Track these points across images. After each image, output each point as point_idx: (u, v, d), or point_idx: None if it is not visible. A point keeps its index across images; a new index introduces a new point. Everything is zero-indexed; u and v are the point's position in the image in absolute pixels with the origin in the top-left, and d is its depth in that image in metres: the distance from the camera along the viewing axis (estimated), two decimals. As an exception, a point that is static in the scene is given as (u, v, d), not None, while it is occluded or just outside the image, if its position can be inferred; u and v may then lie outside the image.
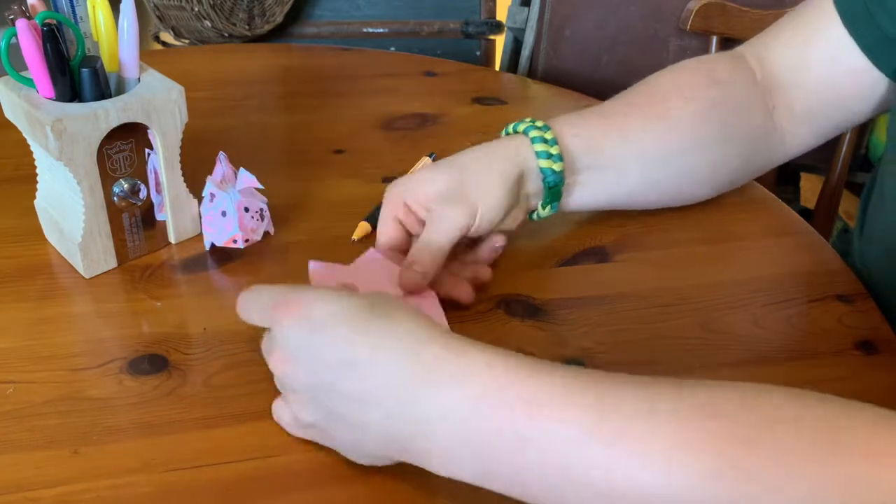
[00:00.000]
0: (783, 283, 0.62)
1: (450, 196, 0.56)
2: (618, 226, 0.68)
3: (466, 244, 0.60)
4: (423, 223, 0.58)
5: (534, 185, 0.60)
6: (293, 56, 1.02)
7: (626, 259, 0.64)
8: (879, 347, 0.56)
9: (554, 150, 0.59)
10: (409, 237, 0.59)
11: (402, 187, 0.58)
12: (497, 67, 1.51)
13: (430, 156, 0.75)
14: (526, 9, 1.34)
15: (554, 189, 0.60)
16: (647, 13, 1.24)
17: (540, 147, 0.59)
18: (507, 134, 0.62)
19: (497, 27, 1.48)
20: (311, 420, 0.44)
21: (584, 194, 0.63)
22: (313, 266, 0.57)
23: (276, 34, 1.40)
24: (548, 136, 0.59)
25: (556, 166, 0.59)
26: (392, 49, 1.40)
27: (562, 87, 0.94)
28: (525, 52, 1.33)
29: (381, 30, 1.45)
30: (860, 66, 0.63)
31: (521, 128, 0.61)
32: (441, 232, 0.56)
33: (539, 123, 0.60)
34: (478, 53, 1.50)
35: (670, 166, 0.64)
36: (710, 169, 0.66)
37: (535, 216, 0.63)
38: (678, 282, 0.62)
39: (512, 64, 1.42)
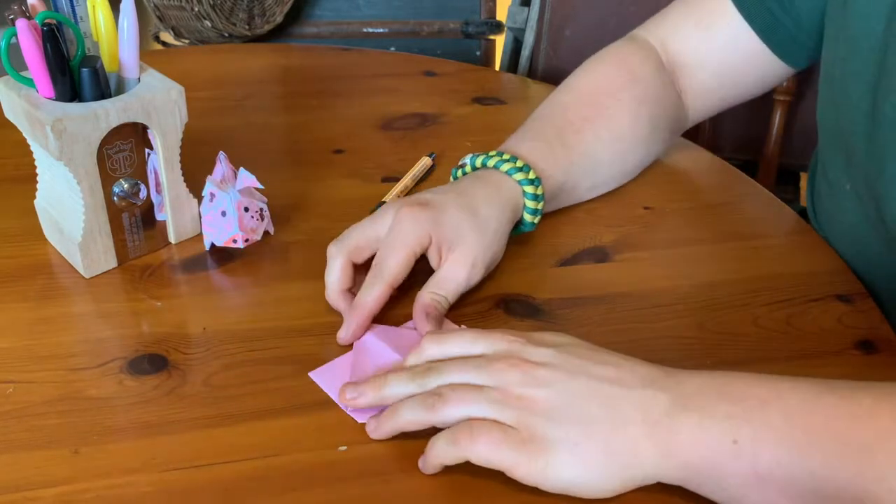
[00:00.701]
0: (783, 283, 0.62)
1: (476, 258, 0.56)
2: (618, 226, 0.68)
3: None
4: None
5: (515, 219, 0.62)
6: (293, 56, 1.02)
7: (626, 259, 0.64)
8: (879, 347, 0.56)
9: (540, 206, 0.62)
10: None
11: (427, 224, 0.56)
12: (497, 67, 1.51)
13: (430, 156, 0.75)
14: (526, 9, 1.34)
15: (528, 224, 0.63)
16: (648, 13, 1.23)
17: (531, 204, 0.61)
18: (482, 167, 0.62)
19: (497, 27, 1.47)
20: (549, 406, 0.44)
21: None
22: (315, 376, 0.52)
23: (276, 34, 1.40)
24: (539, 192, 0.61)
25: (537, 220, 0.62)
26: (392, 49, 1.39)
27: (562, 87, 0.94)
28: (525, 52, 1.33)
29: (381, 30, 1.45)
30: (756, 49, 0.69)
31: (514, 175, 0.61)
32: (454, 290, 0.56)
33: (528, 172, 0.61)
34: (478, 53, 1.50)
35: (615, 169, 0.71)
36: (642, 158, 0.73)
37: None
38: (678, 282, 0.62)
39: (512, 64, 1.42)
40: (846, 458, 0.39)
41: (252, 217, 0.60)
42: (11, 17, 0.53)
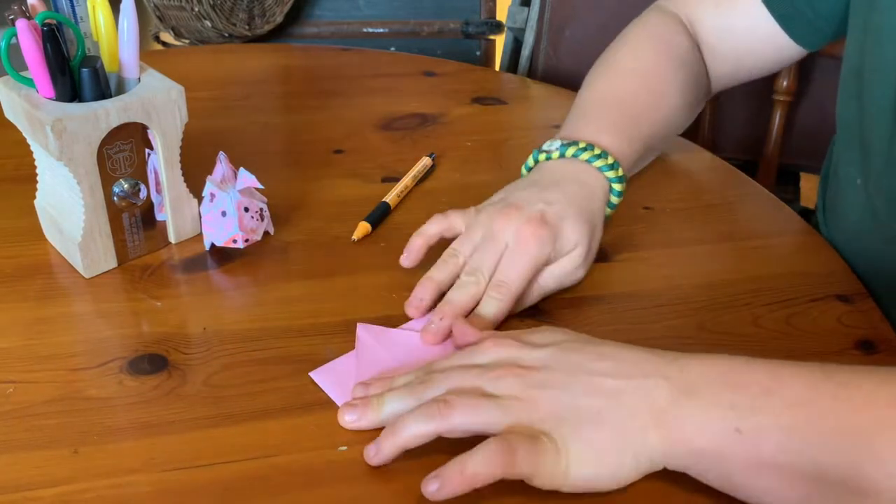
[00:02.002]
0: (783, 283, 0.62)
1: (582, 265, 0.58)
2: (618, 226, 0.68)
3: None
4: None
5: None
6: (293, 56, 1.02)
7: (626, 259, 0.64)
8: (879, 347, 0.56)
9: (619, 201, 0.63)
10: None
11: (550, 244, 0.56)
12: (497, 67, 1.51)
13: (430, 156, 0.75)
14: (526, 9, 1.34)
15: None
16: (647, 13, 1.23)
17: (615, 200, 0.63)
18: (573, 158, 0.62)
19: (497, 27, 1.47)
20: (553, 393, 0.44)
21: None
22: (315, 375, 0.52)
23: (276, 34, 1.40)
24: (623, 187, 0.62)
25: (613, 212, 0.64)
26: (392, 49, 1.39)
27: (562, 87, 0.94)
28: (525, 52, 1.33)
29: (381, 30, 1.45)
30: (774, 34, 0.70)
31: (606, 172, 0.62)
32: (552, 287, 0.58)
33: (618, 170, 0.62)
34: (478, 53, 1.50)
35: (666, 143, 0.75)
36: (683, 129, 0.76)
37: None
38: (678, 282, 0.62)
39: (512, 64, 1.42)
40: (846, 444, 0.40)
41: (252, 217, 0.60)
42: (11, 17, 0.53)
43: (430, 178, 0.74)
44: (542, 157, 0.64)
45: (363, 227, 0.65)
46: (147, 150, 0.59)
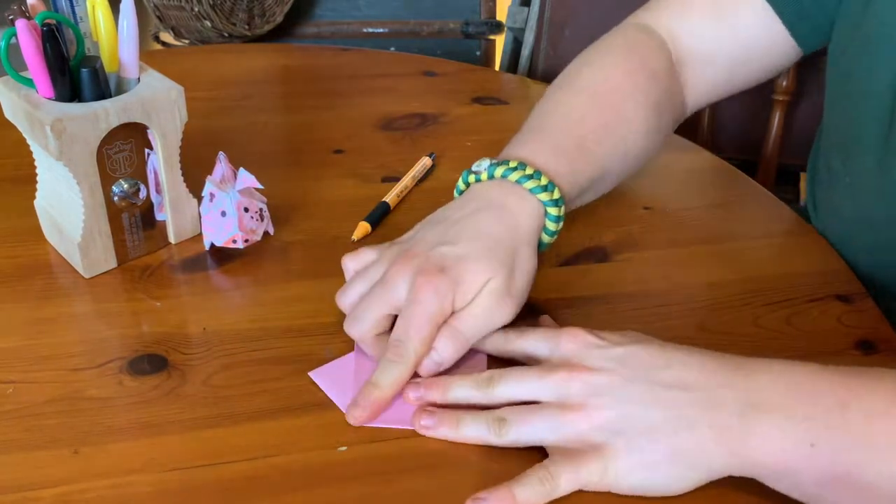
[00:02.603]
0: (783, 283, 0.62)
1: (507, 302, 0.52)
2: (618, 226, 0.68)
3: None
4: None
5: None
6: (293, 56, 1.02)
7: (626, 259, 0.64)
8: (879, 347, 0.56)
9: (559, 227, 0.57)
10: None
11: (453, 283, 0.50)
12: (497, 67, 1.51)
13: (430, 156, 0.75)
14: (526, 9, 1.34)
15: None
16: (647, 13, 1.23)
17: (552, 226, 0.56)
18: (501, 178, 0.56)
19: (497, 27, 1.48)
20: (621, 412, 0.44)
21: None
22: (315, 375, 0.52)
23: (276, 34, 1.40)
24: (561, 213, 0.56)
25: (553, 239, 0.58)
26: (392, 49, 1.39)
27: (562, 87, 0.94)
28: (525, 52, 1.33)
29: (381, 30, 1.45)
30: (777, 38, 0.66)
31: (539, 195, 0.55)
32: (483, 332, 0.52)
33: (553, 192, 0.55)
34: (478, 53, 1.50)
35: (624, 174, 0.66)
36: (649, 154, 0.68)
37: None
38: (678, 282, 0.62)
39: (512, 64, 1.42)
40: None
41: (252, 217, 0.60)
42: (11, 17, 0.53)
43: (430, 178, 0.74)
44: (471, 178, 0.58)
45: (363, 227, 0.65)
46: (147, 150, 0.59)
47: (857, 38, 0.62)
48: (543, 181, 0.55)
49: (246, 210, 0.59)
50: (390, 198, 0.69)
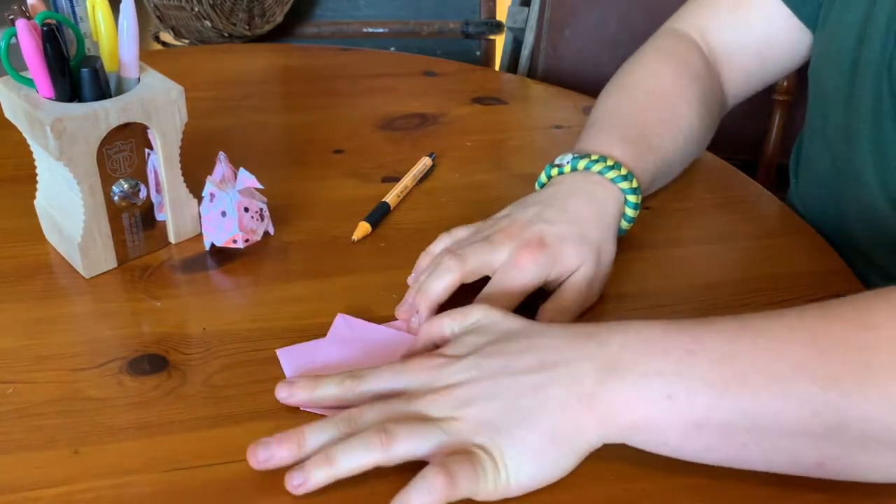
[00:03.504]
0: (783, 283, 0.62)
1: (590, 281, 0.57)
2: (618, 226, 0.68)
3: None
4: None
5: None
6: (293, 56, 1.02)
7: (626, 259, 0.64)
8: (879, 347, 0.56)
9: (636, 214, 0.61)
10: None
11: (545, 268, 0.55)
12: (497, 67, 1.51)
13: (430, 156, 0.75)
14: (526, 9, 1.34)
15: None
16: (648, 13, 1.23)
17: (630, 213, 0.61)
18: (585, 171, 0.61)
19: (497, 27, 1.48)
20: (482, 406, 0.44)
21: None
22: (281, 353, 0.53)
23: (276, 34, 1.40)
24: (639, 200, 0.61)
25: (631, 226, 0.62)
26: (392, 49, 1.39)
27: (562, 87, 0.94)
28: (525, 52, 1.33)
29: (381, 30, 1.45)
30: (790, 23, 0.70)
31: (619, 184, 0.60)
32: (573, 312, 0.56)
33: (632, 181, 0.60)
34: (478, 53, 1.50)
35: (681, 167, 0.72)
36: (699, 152, 0.75)
37: None
38: (678, 282, 0.62)
39: (512, 64, 1.42)
40: (771, 391, 0.41)
41: (252, 217, 0.60)
42: (11, 17, 0.53)
43: (430, 178, 0.74)
44: (554, 171, 0.62)
45: (363, 227, 0.65)
46: (147, 150, 0.59)
47: (824, 26, 0.66)
48: (623, 171, 0.60)
49: (246, 210, 0.59)
50: (390, 198, 0.69)
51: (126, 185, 0.58)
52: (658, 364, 0.43)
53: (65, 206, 0.59)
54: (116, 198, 0.58)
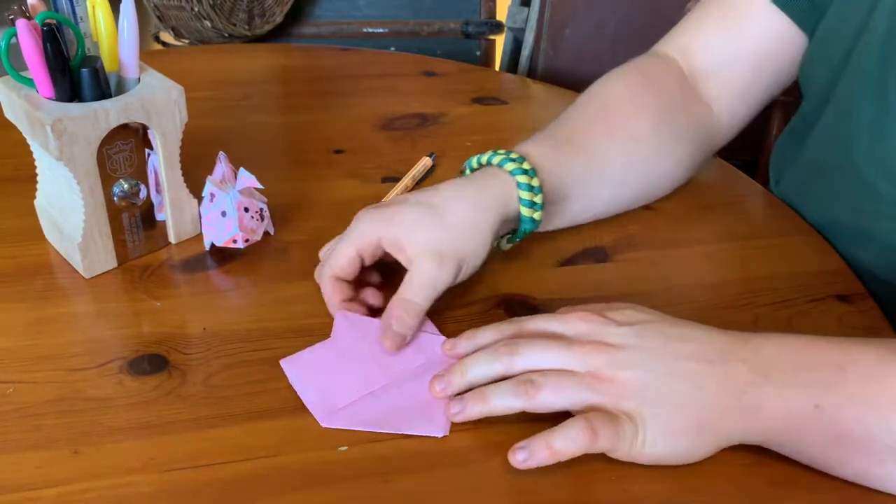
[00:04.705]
0: (783, 284, 0.62)
1: (435, 252, 0.54)
2: (618, 226, 0.68)
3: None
4: (383, 261, 0.57)
5: (507, 227, 0.60)
6: (293, 56, 1.02)
7: (626, 259, 0.64)
8: (879, 347, 0.56)
9: (538, 199, 0.58)
10: (361, 268, 0.57)
11: (377, 222, 0.55)
12: (497, 67, 1.51)
13: (430, 156, 0.75)
14: (526, 9, 1.34)
15: (526, 233, 0.60)
16: (647, 13, 1.23)
17: (526, 195, 0.58)
18: (481, 166, 0.60)
19: (497, 27, 1.48)
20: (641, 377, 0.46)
21: (550, 223, 0.64)
22: (285, 363, 0.52)
23: (276, 34, 1.40)
24: (534, 182, 0.58)
25: (537, 215, 0.59)
26: (392, 49, 1.40)
27: (562, 87, 0.94)
28: (525, 52, 1.33)
29: (381, 30, 1.45)
30: (788, 32, 0.68)
31: (505, 165, 0.58)
32: (423, 291, 0.53)
33: (527, 166, 0.58)
34: (478, 53, 1.50)
35: (634, 181, 0.68)
36: (670, 169, 0.70)
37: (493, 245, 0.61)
38: (678, 282, 0.62)
39: (512, 64, 1.42)
40: None
41: (252, 217, 0.60)
42: (11, 17, 0.53)
43: (430, 178, 0.74)
44: (474, 162, 0.61)
45: (363, 227, 0.65)
46: (147, 150, 0.59)
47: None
48: (513, 155, 0.59)
49: (246, 210, 0.59)
50: (390, 198, 0.69)
51: (126, 185, 0.58)
52: (809, 375, 0.45)
53: (65, 206, 0.59)
54: (116, 198, 0.58)
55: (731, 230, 0.69)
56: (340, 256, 0.55)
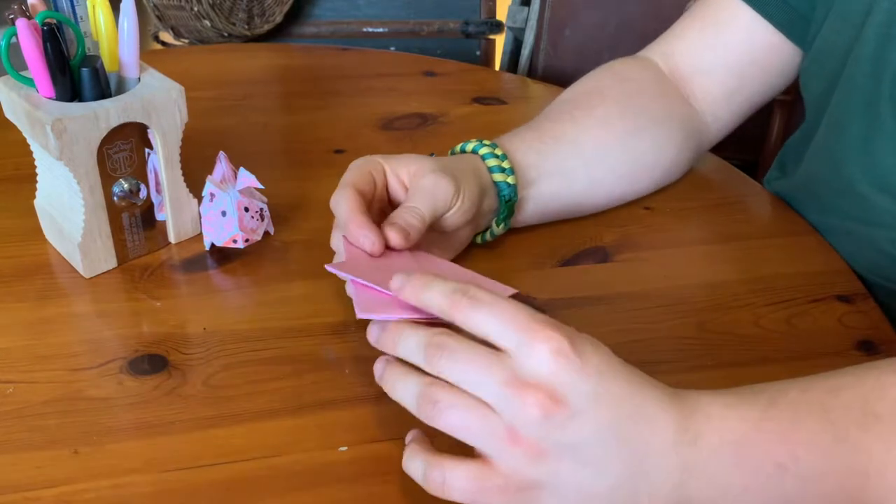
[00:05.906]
0: (783, 283, 0.62)
1: (432, 169, 0.55)
2: (618, 226, 0.68)
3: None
4: (389, 192, 0.57)
5: (490, 202, 0.60)
6: (293, 56, 1.02)
7: (626, 259, 0.64)
8: (880, 347, 0.56)
9: (506, 164, 0.60)
10: (371, 198, 0.55)
11: (382, 158, 0.57)
12: (497, 67, 1.51)
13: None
14: (526, 8, 1.34)
15: (509, 203, 0.60)
16: (648, 12, 1.23)
17: (493, 162, 0.60)
18: (454, 153, 0.63)
19: (497, 27, 1.48)
20: (544, 477, 0.39)
21: (535, 207, 0.64)
22: (332, 268, 0.50)
23: (276, 34, 1.40)
24: (497, 152, 0.61)
25: (510, 179, 0.60)
26: (392, 49, 1.39)
27: (562, 87, 0.94)
28: (525, 52, 1.33)
29: (381, 29, 1.45)
30: (775, 42, 0.68)
31: (470, 147, 0.62)
32: (425, 199, 0.54)
33: (487, 142, 0.62)
34: (478, 53, 1.50)
35: (610, 159, 0.67)
36: (650, 148, 0.69)
37: (487, 235, 0.62)
38: (678, 282, 0.62)
39: (512, 64, 1.42)
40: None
41: (252, 217, 0.60)
42: (11, 16, 0.53)
43: (430, 178, 0.74)
44: (457, 149, 0.64)
45: (363, 227, 0.65)
46: (147, 150, 0.59)
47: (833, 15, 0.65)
48: (487, 141, 0.62)
49: (246, 210, 0.59)
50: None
51: (126, 185, 0.58)
52: (745, 479, 0.39)
53: (65, 206, 0.59)
54: (116, 198, 0.58)
55: (731, 230, 0.69)
56: (353, 168, 0.55)
